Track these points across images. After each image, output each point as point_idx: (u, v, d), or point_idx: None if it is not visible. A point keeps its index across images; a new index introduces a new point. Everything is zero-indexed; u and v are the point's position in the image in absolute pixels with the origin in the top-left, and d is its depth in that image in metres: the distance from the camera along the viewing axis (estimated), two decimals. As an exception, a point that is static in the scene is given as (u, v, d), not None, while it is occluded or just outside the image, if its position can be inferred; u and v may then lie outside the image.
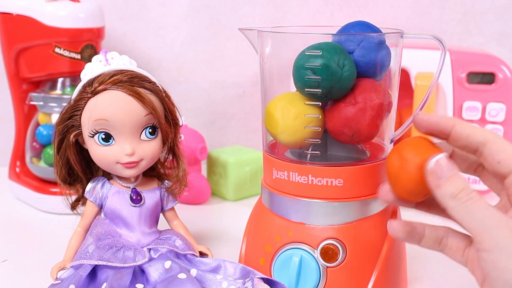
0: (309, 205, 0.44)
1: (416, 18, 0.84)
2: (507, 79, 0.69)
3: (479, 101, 0.70)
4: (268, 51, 0.46)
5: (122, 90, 0.46)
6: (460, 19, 0.83)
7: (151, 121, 0.47)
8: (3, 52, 0.71)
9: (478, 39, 0.84)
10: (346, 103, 0.42)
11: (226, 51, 0.87)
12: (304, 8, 0.85)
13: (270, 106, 0.46)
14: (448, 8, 0.83)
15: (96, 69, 0.48)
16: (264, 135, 0.49)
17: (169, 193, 0.51)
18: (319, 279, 0.44)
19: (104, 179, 0.50)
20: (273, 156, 0.46)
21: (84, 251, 0.46)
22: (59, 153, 0.49)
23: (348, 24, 0.44)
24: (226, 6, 0.85)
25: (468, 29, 0.83)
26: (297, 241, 0.44)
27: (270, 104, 0.46)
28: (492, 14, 0.82)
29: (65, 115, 0.48)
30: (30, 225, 0.67)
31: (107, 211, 0.49)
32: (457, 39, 0.84)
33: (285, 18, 0.85)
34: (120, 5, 0.84)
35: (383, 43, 0.43)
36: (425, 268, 0.53)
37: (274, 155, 0.46)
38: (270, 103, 0.46)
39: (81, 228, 0.50)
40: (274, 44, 0.46)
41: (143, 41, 0.86)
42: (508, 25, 0.82)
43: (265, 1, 0.84)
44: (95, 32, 0.68)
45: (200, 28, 0.86)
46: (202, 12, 0.85)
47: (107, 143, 0.47)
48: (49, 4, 0.65)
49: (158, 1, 0.85)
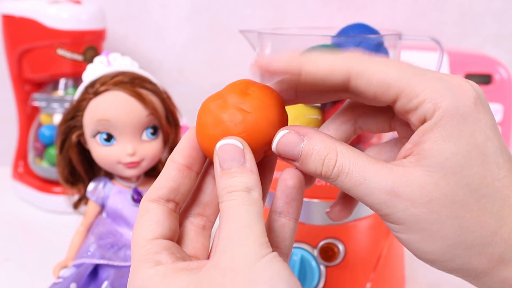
0: (309, 205, 0.44)
1: (414, 19, 0.84)
2: (504, 80, 0.69)
3: (477, 102, 0.70)
4: (268, 52, 0.47)
5: (124, 91, 0.46)
6: (458, 21, 0.83)
7: (152, 122, 0.48)
8: (6, 54, 0.71)
9: (475, 41, 0.84)
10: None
11: (227, 53, 0.87)
12: (304, 9, 0.85)
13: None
14: (445, 10, 0.84)
15: (98, 70, 0.48)
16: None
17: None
18: (319, 278, 0.44)
19: (106, 179, 0.50)
20: (273, 156, 0.46)
21: (86, 250, 0.46)
22: (62, 153, 0.49)
23: (347, 26, 0.45)
24: (226, 7, 0.85)
25: (465, 30, 0.84)
26: (297, 241, 0.45)
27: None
28: (489, 16, 0.83)
29: (67, 116, 0.48)
30: (32, 224, 0.67)
31: (109, 211, 0.49)
32: (454, 41, 0.84)
33: (285, 19, 0.85)
34: (121, 7, 0.85)
35: (381, 45, 0.43)
36: (423, 267, 0.53)
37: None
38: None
39: (83, 227, 0.50)
40: (274, 46, 0.46)
41: (145, 42, 0.86)
42: (505, 27, 0.83)
43: (265, 3, 0.85)
44: (97, 34, 0.69)
45: (201, 29, 0.86)
46: (202, 13, 0.85)
47: (108, 143, 0.47)
48: (52, 6, 0.66)
49: (159, 2, 0.85)
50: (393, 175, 0.24)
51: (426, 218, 0.23)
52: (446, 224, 0.23)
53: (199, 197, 0.29)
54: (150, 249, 0.25)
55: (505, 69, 0.70)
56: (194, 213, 0.29)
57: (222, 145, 0.25)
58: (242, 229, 0.23)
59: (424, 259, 0.25)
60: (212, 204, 0.29)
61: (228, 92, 0.27)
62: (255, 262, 0.22)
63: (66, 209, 0.53)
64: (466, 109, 0.23)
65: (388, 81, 0.23)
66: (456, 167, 0.23)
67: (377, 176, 0.24)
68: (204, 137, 0.26)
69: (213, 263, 0.23)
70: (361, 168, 0.24)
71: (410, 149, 0.24)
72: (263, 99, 0.26)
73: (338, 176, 0.25)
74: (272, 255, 0.23)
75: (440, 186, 0.23)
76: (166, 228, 0.26)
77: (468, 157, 0.23)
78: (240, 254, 0.22)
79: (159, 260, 0.25)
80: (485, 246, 0.23)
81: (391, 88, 0.23)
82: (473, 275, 0.24)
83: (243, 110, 0.26)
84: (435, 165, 0.23)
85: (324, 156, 0.25)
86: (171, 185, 0.27)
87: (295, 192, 0.27)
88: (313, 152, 0.25)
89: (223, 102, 0.26)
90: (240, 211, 0.24)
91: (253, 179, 0.25)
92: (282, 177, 0.28)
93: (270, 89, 0.27)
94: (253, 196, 0.24)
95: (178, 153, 0.27)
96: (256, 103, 0.26)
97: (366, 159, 0.25)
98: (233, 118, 0.26)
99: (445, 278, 0.51)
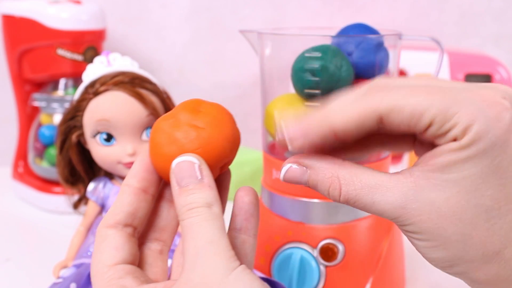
0: (309, 205, 0.44)
1: (414, 19, 0.84)
2: (504, 80, 0.69)
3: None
4: (268, 52, 0.47)
5: (124, 91, 0.46)
6: (458, 20, 0.83)
7: (152, 122, 0.48)
8: (6, 54, 0.71)
9: (475, 41, 0.84)
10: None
11: (227, 52, 0.87)
12: (304, 9, 0.85)
13: (270, 107, 0.46)
14: (445, 10, 0.84)
15: (98, 70, 0.48)
16: (264, 135, 0.49)
17: (170, 192, 0.52)
18: (318, 278, 0.44)
19: (106, 179, 0.50)
20: (273, 157, 0.46)
21: (86, 250, 0.46)
22: (62, 153, 0.49)
23: (347, 26, 0.45)
24: (226, 7, 0.85)
25: (465, 30, 0.84)
26: (297, 241, 0.45)
27: (270, 105, 0.46)
28: (489, 16, 0.83)
29: (67, 116, 0.48)
30: (32, 224, 0.67)
31: (109, 211, 0.49)
32: (454, 41, 0.84)
33: (285, 19, 0.86)
34: (121, 7, 0.85)
35: (381, 45, 0.43)
36: (423, 267, 0.53)
37: (274, 156, 0.47)
38: (270, 104, 0.46)
39: (83, 227, 0.50)
40: (274, 46, 0.47)
41: (145, 42, 0.86)
42: (505, 27, 0.83)
43: (265, 3, 0.85)
44: (97, 34, 0.69)
45: (201, 29, 0.86)
46: (202, 13, 0.86)
47: (108, 143, 0.47)
48: (52, 6, 0.66)
49: (159, 2, 0.85)
50: (402, 190, 0.24)
51: (432, 232, 0.23)
52: (451, 240, 0.23)
53: (154, 222, 0.29)
54: (112, 275, 0.25)
55: (505, 69, 0.70)
56: (151, 238, 0.28)
57: (178, 162, 0.25)
58: (209, 245, 0.23)
59: (426, 259, 0.25)
60: (168, 228, 0.29)
61: (179, 111, 0.26)
62: (227, 276, 0.22)
63: (66, 209, 0.53)
64: (497, 132, 0.22)
65: (420, 112, 0.22)
66: (470, 187, 0.23)
67: (385, 196, 0.24)
68: (158, 157, 0.26)
69: (183, 281, 0.23)
70: (368, 191, 0.24)
71: (427, 159, 0.24)
72: (215, 115, 0.26)
73: (347, 202, 0.25)
74: (242, 267, 0.23)
75: (450, 203, 0.23)
76: (126, 253, 0.26)
77: (485, 179, 0.23)
78: (210, 268, 0.23)
79: (124, 285, 0.24)
80: (484, 263, 0.23)
81: (423, 118, 0.23)
82: (469, 282, 0.25)
83: (196, 127, 0.26)
84: (450, 181, 0.23)
85: (328, 187, 0.25)
86: (127, 210, 0.26)
87: (252, 208, 0.28)
88: (317, 183, 0.25)
89: (175, 121, 0.26)
90: (204, 227, 0.24)
91: (212, 195, 0.25)
92: (238, 195, 0.28)
93: (221, 106, 0.27)
94: (214, 211, 0.24)
95: (132, 177, 0.27)
96: (208, 119, 0.26)
97: (373, 179, 0.24)
98: (187, 135, 0.25)
99: (445, 278, 0.51)
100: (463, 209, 0.23)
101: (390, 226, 0.46)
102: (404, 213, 0.24)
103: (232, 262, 0.23)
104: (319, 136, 0.24)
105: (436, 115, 0.22)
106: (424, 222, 0.23)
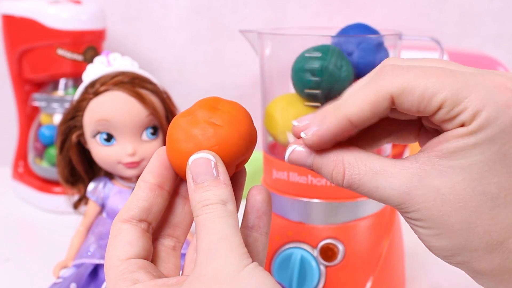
0: (309, 205, 0.44)
1: (414, 19, 0.84)
2: (505, 80, 0.69)
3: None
4: (268, 52, 0.47)
5: (124, 91, 0.46)
6: (458, 20, 0.83)
7: (153, 122, 0.48)
8: (6, 54, 0.71)
9: (475, 41, 0.84)
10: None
11: (226, 52, 0.87)
12: (304, 9, 0.85)
13: (270, 107, 0.46)
14: (445, 10, 0.84)
15: (98, 70, 0.48)
16: (264, 135, 0.49)
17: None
18: (319, 278, 0.44)
19: (106, 179, 0.50)
20: (273, 157, 0.46)
21: (86, 250, 0.46)
22: (62, 153, 0.49)
23: (347, 26, 0.45)
24: (226, 7, 0.85)
25: (465, 30, 0.84)
26: (297, 241, 0.45)
27: (270, 105, 0.46)
28: (489, 16, 0.83)
29: (67, 116, 0.48)
30: (32, 224, 0.67)
31: (109, 211, 0.49)
32: (454, 41, 0.84)
33: (284, 19, 0.86)
34: (121, 7, 0.85)
35: (381, 45, 0.43)
36: (423, 267, 0.53)
37: (274, 155, 0.47)
38: (270, 104, 0.46)
39: (83, 227, 0.50)
40: (274, 46, 0.47)
41: (145, 42, 0.86)
42: (505, 27, 0.83)
43: (265, 3, 0.85)
44: (97, 34, 0.69)
45: (201, 29, 0.86)
46: (202, 13, 0.86)
47: (108, 143, 0.47)
48: (52, 6, 0.66)
49: (159, 2, 0.85)
50: (407, 176, 0.23)
51: (436, 219, 0.23)
52: (455, 228, 0.23)
53: (168, 218, 0.29)
54: (125, 268, 0.25)
55: (505, 69, 0.70)
56: (164, 234, 0.29)
57: (194, 159, 0.25)
58: (222, 241, 0.23)
59: (428, 248, 0.25)
60: (181, 225, 0.29)
61: (197, 108, 0.27)
62: (239, 272, 0.22)
63: (66, 209, 0.53)
64: (506, 119, 0.22)
65: (430, 94, 0.22)
66: (476, 174, 0.22)
67: (390, 182, 0.24)
68: (175, 153, 0.26)
69: (195, 276, 0.23)
70: (373, 176, 0.24)
71: (433, 145, 0.23)
72: (233, 113, 0.27)
73: (350, 186, 0.25)
74: (254, 264, 0.23)
75: (455, 190, 0.23)
76: (140, 248, 0.26)
77: (492, 166, 0.22)
78: (223, 265, 0.23)
79: (137, 279, 0.25)
80: (488, 253, 0.23)
81: (433, 100, 0.22)
82: (471, 272, 0.24)
83: (214, 124, 0.26)
84: (456, 168, 0.22)
85: (331, 170, 0.25)
86: (143, 205, 0.27)
87: (264, 206, 0.28)
88: (322, 166, 0.26)
89: (193, 118, 0.26)
90: (218, 224, 0.24)
91: (227, 192, 0.25)
92: (251, 193, 0.28)
93: (239, 105, 0.28)
94: (229, 208, 0.24)
95: (149, 172, 0.27)
96: (226, 117, 0.26)
97: (378, 164, 0.24)
98: (204, 132, 0.26)
99: (445, 278, 0.51)
100: (468, 196, 0.22)
101: (390, 226, 0.46)
102: (408, 199, 0.23)
103: (245, 259, 0.23)
104: (335, 125, 0.24)
105: (447, 98, 0.22)
106: (428, 209, 0.23)
